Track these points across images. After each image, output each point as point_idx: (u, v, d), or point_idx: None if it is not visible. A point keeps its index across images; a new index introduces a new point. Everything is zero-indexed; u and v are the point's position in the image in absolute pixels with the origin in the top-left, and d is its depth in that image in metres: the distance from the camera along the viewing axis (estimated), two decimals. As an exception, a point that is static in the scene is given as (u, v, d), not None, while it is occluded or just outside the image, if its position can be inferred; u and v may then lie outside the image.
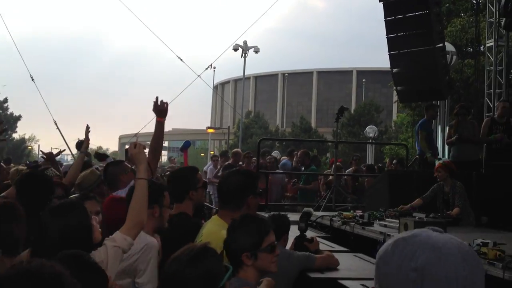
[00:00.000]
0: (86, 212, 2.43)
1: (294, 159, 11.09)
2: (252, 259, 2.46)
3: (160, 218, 2.98)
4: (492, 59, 11.35)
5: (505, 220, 6.59)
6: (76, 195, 3.73)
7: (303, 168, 10.50)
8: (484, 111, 11.45)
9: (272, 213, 4.19)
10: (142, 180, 2.56)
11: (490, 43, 11.51)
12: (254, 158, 10.52)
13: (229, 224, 2.58)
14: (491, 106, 11.24)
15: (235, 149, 12.03)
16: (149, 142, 4.39)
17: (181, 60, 14.93)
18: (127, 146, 2.75)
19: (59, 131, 10.96)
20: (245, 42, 31.62)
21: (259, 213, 8.25)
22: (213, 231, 2.93)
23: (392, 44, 9.98)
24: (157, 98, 4.01)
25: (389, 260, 1.04)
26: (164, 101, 4.00)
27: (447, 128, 11.26)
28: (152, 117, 4.13)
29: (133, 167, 3.04)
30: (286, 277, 3.64)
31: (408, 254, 1.02)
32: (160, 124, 3.99)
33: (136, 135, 16.50)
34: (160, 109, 3.99)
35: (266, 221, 2.60)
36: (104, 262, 2.35)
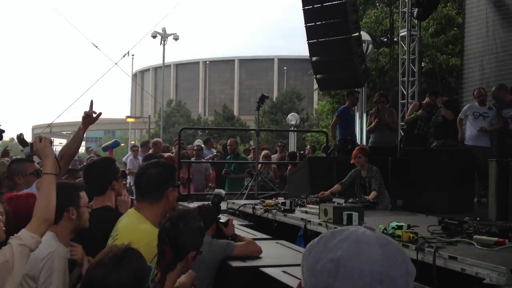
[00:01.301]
0: None
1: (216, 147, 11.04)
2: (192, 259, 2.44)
3: (78, 220, 2.84)
4: (406, 48, 11.82)
5: (419, 203, 6.90)
6: None
7: (228, 157, 10.46)
8: (399, 99, 11.93)
9: (199, 204, 4.11)
10: (49, 175, 2.42)
11: (403, 32, 11.96)
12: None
13: (172, 217, 2.47)
14: (405, 93, 11.72)
15: (155, 139, 11.78)
16: (64, 132, 4.14)
17: (96, 47, 14.37)
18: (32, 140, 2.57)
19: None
20: (163, 29, 31.03)
21: (181, 203, 8.17)
22: (130, 225, 2.80)
23: (310, 33, 10.13)
24: (91, 102, 3.72)
25: (311, 250, 1.04)
26: (98, 111, 3.68)
27: (364, 116, 11.64)
28: (66, 107, 3.86)
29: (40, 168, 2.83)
30: (207, 265, 3.60)
31: (330, 246, 1.01)
32: (83, 132, 3.72)
33: (50, 125, 15.71)
34: (91, 118, 3.66)
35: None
36: (9, 261, 2.21)
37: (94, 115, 3.64)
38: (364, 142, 11.28)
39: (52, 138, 2.75)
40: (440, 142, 8.53)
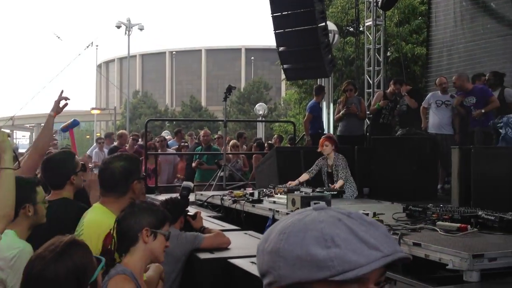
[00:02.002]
0: None
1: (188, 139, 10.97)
2: (151, 237, 2.37)
3: (35, 216, 2.76)
4: (371, 38, 11.95)
5: (384, 191, 7.02)
6: None
7: (198, 148, 10.40)
8: (365, 87, 12.08)
9: (167, 198, 4.07)
10: (7, 170, 2.35)
11: (368, 22, 12.09)
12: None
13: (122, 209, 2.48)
14: (371, 82, 11.87)
15: (121, 131, 11.63)
16: (27, 125, 4.03)
17: (59, 38, 14.06)
18: None
19: None
20: (128, 20, 30.58)
21: (149, 196, 8.09)
22: (96, 220, 2.76)
23: (277, 23, 10.13)
24: (62, 91, 3.65)
25: (261, 244, 0.98)
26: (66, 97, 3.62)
27: (331, 105, 11.74)
28: (29, 100, 3.77)
29: None
30: (174, 257, 3.59)
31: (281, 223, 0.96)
32: (52, 118, 3.64)
33: (12, 118, 15.32)
34: (60, 105, 3.59)
35: (166, 212, 2.58)
36: None
37: (64, 102, 3.59)
38: (332, 131, 11.39)
39: (9, 131, 2.67)
40: (404, 130, 8.68)
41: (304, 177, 6.96)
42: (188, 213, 4.11)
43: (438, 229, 3.88)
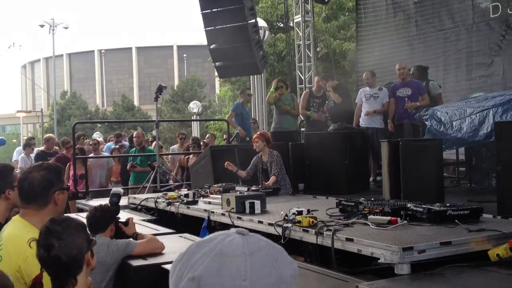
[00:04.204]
0: None
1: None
2: (91, 258, 2.08)
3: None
4: (301, 34, 12.08)
5: (319, 186, 7.12)
6: None
7: (132, 150, 10.13)
8: (297, 83, 12.20)
9: (96, 205, 3.91)
10: None
11: (298, 18, 12.20)
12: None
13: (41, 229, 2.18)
14: (303, 78, 12.01)
15: (48, 135, 11.13)
16: None
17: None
18: None
19: None
20: (52, 19, 29.48)
21: (80, 201, 7.79)
22: (16, 234, 2.58)
23: (207, 20, 10.03)
24: None
25: (176, 266, 0.93)
26: None
27: (264, 101, 11.78)
28: None
29: None
30: (105, 266, 3.47)
31: (192, 262, 0.91)
32: None
33: None
34: None
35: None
36: None
37: None
38: (265, 128, 11.44)
39: None
40: (336, 125, 8.81)
41: (242, 173, 6.98)
42: (120, 220, 3.98)
43: (370, 223, 3.95)
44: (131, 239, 3.86)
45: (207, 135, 12.89)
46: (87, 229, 2.25)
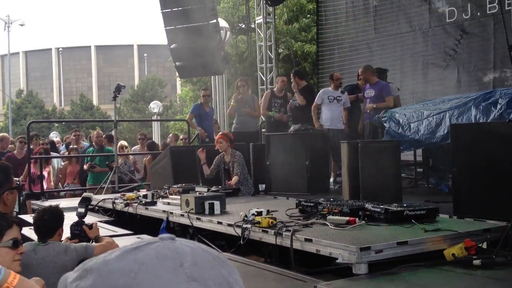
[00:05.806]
0: None
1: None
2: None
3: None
4: (262, 35, 12.09)
5: (280, 186, 7.14)
6: None
7: (89, 150, 9.91)
8: (258, 84, 12.21)
9: (44, 207, 3.79)
10: None
11: (259, 19, 12.22)
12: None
13: None
14: (264, 79, 12.03)
15: (2, 134, 10.76)
16: None
17: None
18: None
19: None
20: (7, 15, 28.64)
21: (35, 202, 7.58)
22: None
23: (167, 19, 9.92)
24: None
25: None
26: None
27: (225, 102, 11.75)
28: None
29: None
30: (64, 271, 3.35)
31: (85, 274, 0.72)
32: None
33: None
34: None
35: (6, 216, 2.29)
36: None
37: None
38: (227, 128, 11.39)
39: None
40: (297, 126, 8.83)
41: (206, 170, 6.96)
42: (85, 223, 3.90)
43: (329, 224, 3.97)
44: (88, 243, 3.76)
45: (169, 135, 12.74)
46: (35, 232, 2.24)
